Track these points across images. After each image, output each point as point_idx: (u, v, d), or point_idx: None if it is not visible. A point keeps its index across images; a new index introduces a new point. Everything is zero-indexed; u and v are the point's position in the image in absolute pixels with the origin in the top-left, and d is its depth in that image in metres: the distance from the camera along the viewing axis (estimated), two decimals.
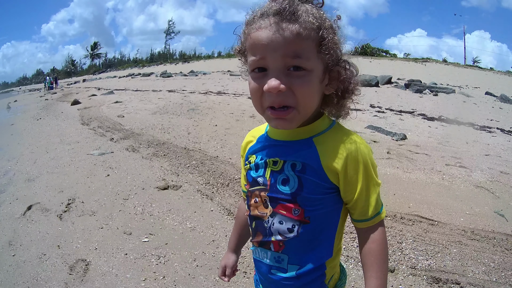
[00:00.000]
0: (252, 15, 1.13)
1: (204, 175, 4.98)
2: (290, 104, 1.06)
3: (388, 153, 6.03)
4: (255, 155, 1.29)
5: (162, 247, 3.21)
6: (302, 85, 1.06)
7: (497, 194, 4.42)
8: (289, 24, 1.03)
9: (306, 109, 1.11)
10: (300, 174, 1.14)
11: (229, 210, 3.89)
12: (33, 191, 4.76)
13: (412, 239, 3.30)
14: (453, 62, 46.27)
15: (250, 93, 1.14)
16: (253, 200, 1.23)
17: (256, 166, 1.25)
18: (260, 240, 1.22)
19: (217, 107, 11.46)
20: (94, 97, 18.16)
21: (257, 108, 1.15)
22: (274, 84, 1.03)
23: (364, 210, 1.15)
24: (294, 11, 1.04)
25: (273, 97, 1.06)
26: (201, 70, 36.79)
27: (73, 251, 3.21)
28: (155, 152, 6.19)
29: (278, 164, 1.19)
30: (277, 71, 1.05)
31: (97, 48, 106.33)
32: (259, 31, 1.07)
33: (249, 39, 1.11)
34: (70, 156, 6.37)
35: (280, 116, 1.08)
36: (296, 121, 1.11)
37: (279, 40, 1.03)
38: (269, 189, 1.19)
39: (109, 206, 4.10)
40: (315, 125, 1.19)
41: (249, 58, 1.12)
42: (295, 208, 1.14)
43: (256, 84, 1.10)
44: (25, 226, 3.76)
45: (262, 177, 1.22)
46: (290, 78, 1.05)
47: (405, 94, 15.43)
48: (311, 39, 1.06)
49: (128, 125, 8.92)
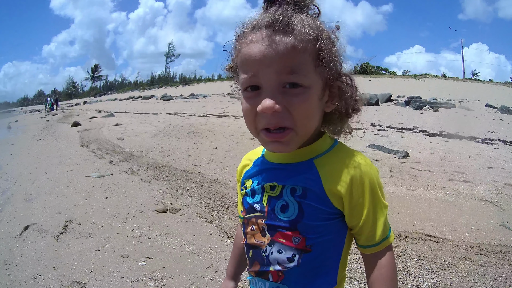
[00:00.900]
0: (242, 29, 1.06)
1: (204, 198, 4.94)
2: (287, 125, 0.98)
3: (390, 172, 6.01)
4: (251, 180, 1.20)
5: (160, 271, 3.14)
6: (299, 104, 0.97)
7: (502, 207, 4.41)
8: (283, 37, 0.95)
9: (305, 130, 1.02)
10: (300, 199, 1.04)
11: (228, 234, 3.84)
12: (30, 211, 4.71)
13: (417, 257, 3.25)
14: (452, 77, 46.58)
15: (243, 114, 1.06)
16: (250, 228, 1.15)
17: (252, 192, 1.16)
18: (257, 270, 1.12)
19: (217, 130, 11.51)
20: (94, 119, 18.25)
21: (251, 130, 1.07)
22: (269, 104, 0.95)
23: (371, 235, 1.06)
24: (288, 22, 0.96)
25: (268, 118, 0.98)
26: (201, 93, 37.08)
27: (69, 272, 3.15)
28: (154, 175, 6.17)
29: (276, 189, 1.09)
30: (271, 89, 0.97)
31: (98, 71, 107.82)
32: (250, 45, 0.99)
33: (240, 55, 1.03)
34: (69, 178, 6.33)
35: (276, 139, 1.00)
36: (294, 144, 1.03)
37: (273, 54, 0.95)
38: (267, 216, 1.10)
39: (106, 228, 4.05)
40: (316, 145, 1.10)
41: (241, 76, 1.03)
42: (295, 236, 1.05)
43: (249, 104, 1.02)
44: (21, 246, 3.71)
45: (259, 203, 1.13)
46: (286, 96, 0.96)
47: (405, 111, 15.55)
48: (308, 52, 0.98)
49: (127, 148, 8.92)
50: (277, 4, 1.01)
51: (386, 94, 19.65)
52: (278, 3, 1.01)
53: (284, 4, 1.00)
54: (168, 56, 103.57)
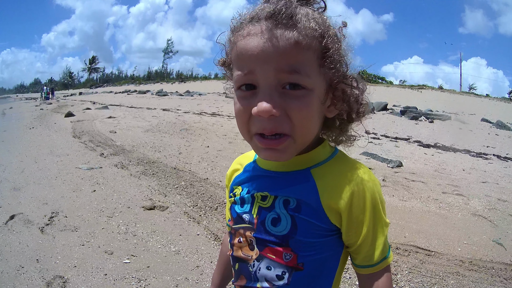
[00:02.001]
0: (239, 20, 0.94)
1: (193, 197, 4.91)
2: (285, 131, 0.87)
3: (383, 181, 5.98)
4: (241, 187, 1.09)
5: (144, 270, 3.10)
6: (300, 108, 0.86)
7: (495, 223, 4.40)
8: (285, 31, 0.84)
9: (303, 138, 0.92)
10: (294, 213, 0.94)
11: (216, 235, 3.80)
12: (17, 201, 4.66)
13: (407, 270, 3.23)
14: (449, 89, 47.23)
15: (235, 115, 0.94)
16: (237, 239, 1.04)
17: (241, 200, 1.05)
18: (243, 285, 1.02)
19: (210, 128, 11.47)
20: (88, 111, 18.13)
21: (243, 134, 0.96)
22: (266, 107, 0.83)
23: (369, 254, 0.96)
24: (292, 15, 0.85)
25: (263, 123, 0.87)
26: (197, 90, 37.05)
27: (52, 266, 3.10)
28: (144, 171, 6.13)
29: (267, 200, 0.99)
30: (269, 90, 0.86)
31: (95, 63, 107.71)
32: (247, 38, 0.88)
33: (235, 49, 0.92)
34: (58, 168, 6.28)
35: (271, 145, 0.89)
36: (290, 152, 0.92)
37: (272, 50, 0.84)
38: (256, 228, 0.99)
39: (92, 222, 4.01)
40: (314, 153, 1.00)
41: (235, 72, 0.92)
42: (286, 253, 0.94)
43: (243, 105, 0.91)
44: (6, 236, 3.65)
45: (248, 214, 1.02)
46: (285, 98, 0.86)
47: (400, 121, 15.63)
48: (312, 50, 0.87)
49: (119, 141, 8.85)
50: None
51: (382, 102, 19.66)
52: None
53: None
54: (166, 52, 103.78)
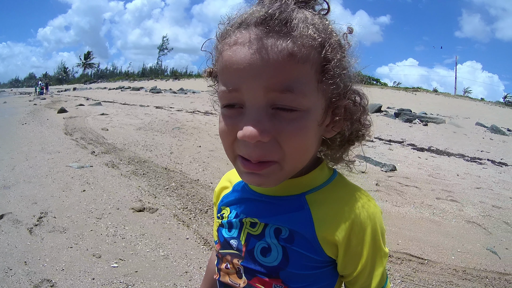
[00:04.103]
0: (227, 25, 0.81)
1: (183, 199, 4.89)
2: (273, 158, 0.76)
3: (377, 185, 5.96)
4: (229, 209, 0.99)
5: (132, 275, 3.09)
6: (293, 134, 0.74)
7: (490, 230, 4.41)
8: (278, 40, 0.71)
9: (294, 165, 0.80)
10: (285, 243, 0.84)
11: (205, 240, 3.79)
12: (7, 200, 4.62)
13: (400, 279, 3.22)
14: (443, 92, 47.68)
15: (219, 134, 0.83)
16: (224, 265, 0.95)
17: (229, 224, 0.96)
18: None
19: (203, 127, 11.42)
20: (81, 107, 18.01)
21: (227, 154, 0.85)
22: (252, 133, 0.71)
23: (365, 285, 0.88)
24: (287, 20, 0.72)
25: (248, 148, 0.75)
26: (191, 88, 36.98)
27: (40, 269, 3.08)
28: (134, 170, 6.10)
29: (257, 227, 0.89)
30: (256, 111, 0.73)
31: (90, 58, 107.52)
32: (233, 49, 0.75)
33: (220, 60, 0.79)
34: (49, 166, 6.24)
35: (253, 170, 0.77)
36: (276, 179, 0.80)
37: (261, 64, 0.71)
38: (244, 257, 0.89)
39: (81, 224, 3.98)
40: (310, 177, 0.89)
41: (219, 87, 0.80)
42: (276, 284, 0.85)
43: (227, 124, 0.79)
44: None
45: (236, 240, 0.92)
46: (276, 121, 0.73)
47: (394, 123, 15.68)
48: (310, 63, 0.73)
49: (111, 139, 8.81)
50: None
51: (376, 104, 19.75)
52: None
53: None
54: (161, 49, 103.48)
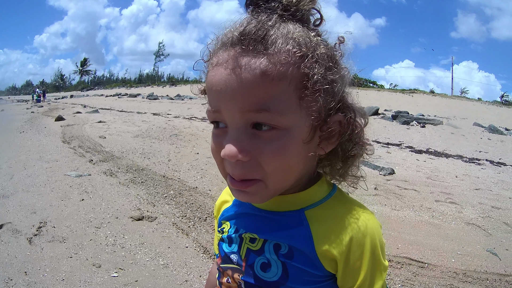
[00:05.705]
0: (215, 44, 0.82)
1: (181, 207, 4.91)
2: (255, 177, 0.77)
3: (375, 189, 5.90)
4: (229, 223, 0.99)
5: (132, 284, 3.10)
6: (273, 154, 0.74)
7: (489, 231, 4.40)
8: (252, 59, 0.70)
9: (278, 184, 0.80)
10: (285, 259, 0.84)
11: (205, 248, 3.81)
12: (6, 209, 4.63)
13: (400, 283, 3.21)
14: (440, 93, 47.80)
15: (211, 152, 0.85)
16: (225, 279, 0.95)
17: (229, 239, 0.96)
18: None
19: (200, 134, 11.41)
20: (78, 115, 18.03)
21: (219, 171, 0.86)
22: (231, 152, 0.73)
23: None
24: (264, 36, 0.71)
25: (231, 167, 0.77)
26: (187, 94, 36.86)
27: (40, 279, 3.10)
28: (133, 178, 6.12)
29: (256, 243, 0.89)
30: (236, 132, 0.74)
31: (87, 65, 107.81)
32: (215, 69, 0.76)
33: (206, 80, 0.81)
34: (47, 175, 6.25)
35: (239, 188, 0.79)
36: (263, 196, 0.80)
37: (236, 84, 0.71)
38: (245, 271, 0.89)
39: (80, 233, 4.00)
40: (309, 193, 0.88)
41: (207, 106, 0.82)
42: None
43: (215, 143, 0.81)
44: None
45: (236, 255, 0.92)
46: (255, 141, 0.74)
47: (392, 126, 15.64)
48: (288, 80, 0.71)
49: (108, 147, 8.83)
50: (262, 8, 0.76)
51: (373, 107, 19.67)
52: (263, 8, 0.76)
53: (270, 9, 0.76)
54: (158, 55, 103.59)
